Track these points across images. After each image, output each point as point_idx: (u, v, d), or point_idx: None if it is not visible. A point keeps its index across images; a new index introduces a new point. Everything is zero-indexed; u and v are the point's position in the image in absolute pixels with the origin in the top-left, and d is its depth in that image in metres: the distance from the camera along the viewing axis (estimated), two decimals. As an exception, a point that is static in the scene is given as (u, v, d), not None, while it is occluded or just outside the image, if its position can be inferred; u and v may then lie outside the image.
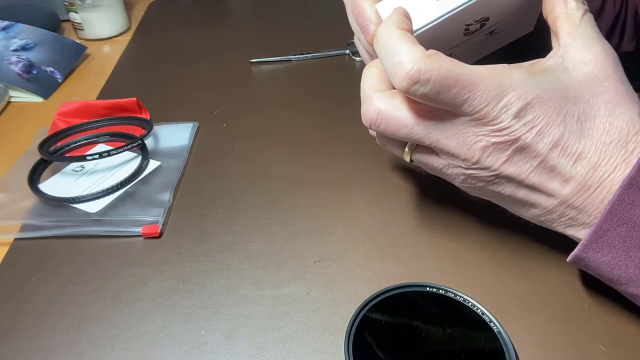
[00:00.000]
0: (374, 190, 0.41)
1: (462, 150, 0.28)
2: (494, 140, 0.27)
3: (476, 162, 0.28)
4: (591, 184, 0.27)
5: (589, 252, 0.27)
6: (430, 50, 0.26)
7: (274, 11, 0.83)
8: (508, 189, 0.29)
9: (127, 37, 0.75)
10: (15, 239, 0.38)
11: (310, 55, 0.65)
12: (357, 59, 0.64)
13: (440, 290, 0.31)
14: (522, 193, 0.28)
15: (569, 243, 0.29)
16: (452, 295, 0.31)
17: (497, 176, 0.28)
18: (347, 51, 0.65)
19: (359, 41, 0.39)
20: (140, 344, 0.30)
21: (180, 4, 0.87)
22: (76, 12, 0.72)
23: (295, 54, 0.65)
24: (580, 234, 0.28)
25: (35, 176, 0.43)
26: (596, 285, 0.32)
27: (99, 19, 0.73)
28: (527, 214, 0.30)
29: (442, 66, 0.26)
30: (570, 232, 0.29)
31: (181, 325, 0.31)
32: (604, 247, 0.26)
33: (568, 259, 0.28)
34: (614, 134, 0.26)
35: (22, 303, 0.33)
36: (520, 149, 0.27)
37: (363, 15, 0.32)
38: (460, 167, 0.29)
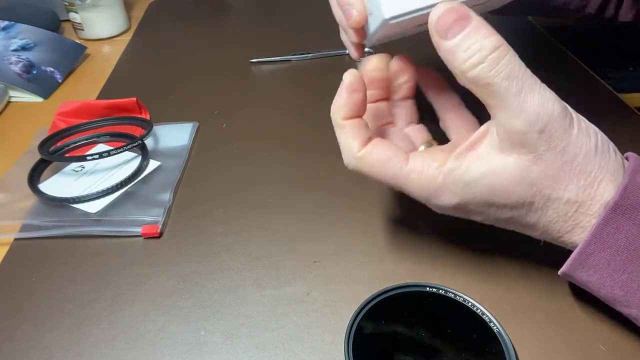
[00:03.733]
0: (374, 191, 0.41)
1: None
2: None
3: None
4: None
5: (576, 272, 0.27)
6: (368, 148, 0.29)
7: (274, 11, 0.83)
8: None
9: (127, 37, 0.75)
10: (15, 239, 0.38)
11: (310, 55, 0.65)
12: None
13: (440, 290, 0.31)
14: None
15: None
16: (452, 295, 0.31)
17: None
18: (347, 51, 0.65)
19: (343, 32, 0.39)
20: (140, 344, 0.30)
21: (180, 4, 0.87)
22: (76, 12, 0.72)
23: (295, 54, 0.65)
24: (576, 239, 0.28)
25: (35, 176, 0.43)
26: (596, 285, 0.32)
27: (99, 19, 0.73)
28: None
29: (372, 168, 0.30)
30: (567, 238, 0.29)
31: (181, 325, 0.31)
32: (589, 268, 0.27)
33: (559, 273, 0.28)
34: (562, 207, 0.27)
35: (22, 303, 0.33)
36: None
37: None
38: None
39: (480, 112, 0.29)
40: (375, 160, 0.29)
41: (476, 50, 0.25)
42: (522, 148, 0.26)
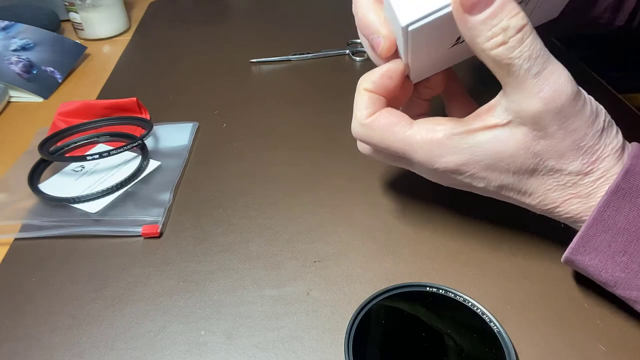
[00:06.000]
0: (374, 190, 0.41)
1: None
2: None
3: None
4: None
5: (577, 256, 0.28)
6: (374, 116, 0.30)
7: (274, 11, 0.83)
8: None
9: (127, 37, 0.75)
10: (15, 239, 0.38)
11: (310, 55, 0.65)
12: (357, 59, 0.64)
13: (440, 290, 0.31)
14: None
15: (568, 243, 0.29)
16: (452, 295, 0.31)
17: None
18: (347, 51, 0.65)
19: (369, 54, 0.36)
20: (140, 344, 0.30)
21: (180, 4, 0.87)
22: (76, 12, 0.72)
23: (295, 54, 0.65)
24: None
25: (35, 176, 0.43)
26: (596, 285, 0.32)
27: (99, 19, 0.73)
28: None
29: (376, 135, 0.30)
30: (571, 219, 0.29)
31: (181, 325, 0.31)
32: (591, 251, 0.27)
33: (562, 260, 0.29)
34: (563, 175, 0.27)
35: (22, 303, 0.33)
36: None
37: (369, 28, 0.31)
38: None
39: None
40: (380, 125, 0.30)
41: (501, 29, 0.24)
42: (533, 125, 0.26)
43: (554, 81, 0.25)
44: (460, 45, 0.31)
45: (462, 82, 0.36)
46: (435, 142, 0.28)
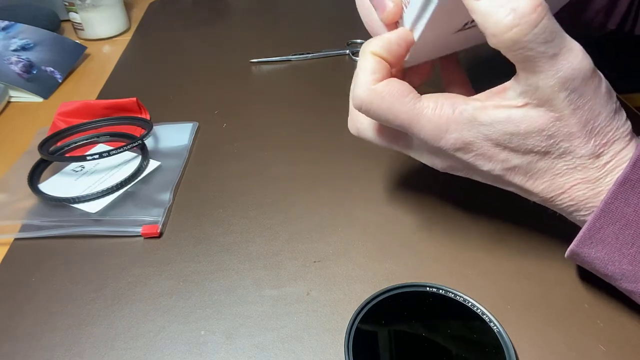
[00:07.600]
0: (374, 190, 0.41)
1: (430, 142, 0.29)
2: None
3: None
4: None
5: (584, 248, 0.27)
6: (383, 82, 0.28)
7: (274, 11, 0.83)
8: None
9: (127, 37, 0.75)
10: (15, 239, 0.38)
11: (310, 55, 0.65)
12: (357, 59, 0.64)
13: (440, 290, 0.31)
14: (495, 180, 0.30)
15: (568, 243, 0.29)
16: (452, 295, 0.31)
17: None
18: (347, 51, 0.65)
19: (370, 29, 0.34)
20: (140, 344, 0.30)
21: (180, 4, 0.87)
22: (76, 12, 0.72)
23: (295, 54, 0.65)
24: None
25: (35, 176, 0.43)
26: (596, 285, 0.32)
27: (99, 19, 0.73)
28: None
29: (382, 103, 0.28)
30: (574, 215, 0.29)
31: (181, 325, 0.31)
32: (597, 243, 0.27)
33: (565, 254, 0.29)
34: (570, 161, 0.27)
35: (22, 303, 0.33)
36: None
37: None
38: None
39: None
40: (391, 92, 0.28)
41: (510, 10, 0.23)
42: (550, 107, 0.25)
43: (571, 59, 0.24)
44: (465, 33, 0.30)
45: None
46: (445, 116, 0.27)
